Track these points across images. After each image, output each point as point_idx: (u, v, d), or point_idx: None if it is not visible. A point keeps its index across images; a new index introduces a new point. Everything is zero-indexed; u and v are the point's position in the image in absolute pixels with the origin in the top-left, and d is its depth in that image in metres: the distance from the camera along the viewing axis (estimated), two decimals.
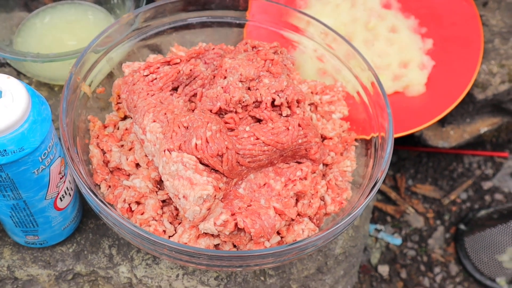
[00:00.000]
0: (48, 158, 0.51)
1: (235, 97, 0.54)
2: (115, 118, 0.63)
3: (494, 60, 0.84)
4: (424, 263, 0.97)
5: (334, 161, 0.61)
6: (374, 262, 0.96)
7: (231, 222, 0.52)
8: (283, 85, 0.56)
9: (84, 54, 0.60)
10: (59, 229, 0.61)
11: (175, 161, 0.51)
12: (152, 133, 0.54)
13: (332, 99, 0.64)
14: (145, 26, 0.67)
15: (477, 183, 1.05)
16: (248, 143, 0.53)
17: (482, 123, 0.90)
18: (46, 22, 0.76)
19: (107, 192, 0.58)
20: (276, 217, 0.53)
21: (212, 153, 0.50)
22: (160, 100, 0.56)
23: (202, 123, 0.51)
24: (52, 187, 0.54)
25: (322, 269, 0.67)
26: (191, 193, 0.50)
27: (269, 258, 0.53)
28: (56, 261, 0.63)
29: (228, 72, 0.56)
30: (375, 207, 1.01)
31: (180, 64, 0.59)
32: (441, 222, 1.01)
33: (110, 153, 0.60)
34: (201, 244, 0.54)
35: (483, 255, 0.93)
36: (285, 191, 0.55)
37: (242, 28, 0.71)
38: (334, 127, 0.63)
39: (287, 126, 0.54)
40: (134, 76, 0.58)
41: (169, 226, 0.56)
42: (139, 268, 0.63)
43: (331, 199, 0.58)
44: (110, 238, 0.65)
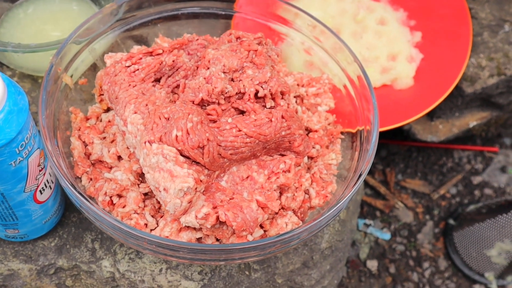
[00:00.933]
0: (25, 149, 0.50)
1: (218, 88, 0.53)
2: (98, 110, 0.62)
3: (483, 54, 0.83)
4: (413, 258, 0.97)
5: (319, 154, 0.60)
6: (363, 257, 0.96)
7: (213, 215, 0.51)
8: (267, 77, 0.55)
9: (65, 44, 0.59)
10: (40, 223, 0.60)
11: (155, 153, 0.50)
12: (133, 124, 0.53)
13: (318, 91, 0.64)
14: (130, 17, 0.66)
15: (466, 177, 1.04)
16: (230, 135, 0.52)
17: (471, 117, 0.90)
18: (30, 12, 0.75)
19: (88, 184, 0.57)
20: (258, 211, 0.52)
21: (192, 144, 0.49)
22: (142, 91, 0.55)
23: (183, 114, 0.50)
24: (31, 180, 0.53)
25: (308, 263, 0.67)
26: (172, 186, 0.49)
27: (252, 251, 0.52)
28: (38, 256, 0.62)
29: (211, 63, 0.55)
30: (364, 202, 1.01)
31: (162, 55, 0.58)
32: (430, 217, 1.01)
33: (91, 145, 0.59)
34: (183, 238, 0.53)
35: (472, 250, 0.93)
36: (268, 184, 0.54)
37: (230, 20, 0.70)
38: (319, 119, 0.62)
39: (270, 118, 0.53)
40: (116, 67, 0.57)
41: (151, 220, 0.55)
42: (122, 263, 0.62)
43: (316, 193, 0.58)
44: (93, 232, 0.64)
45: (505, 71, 0.82)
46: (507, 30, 0.84)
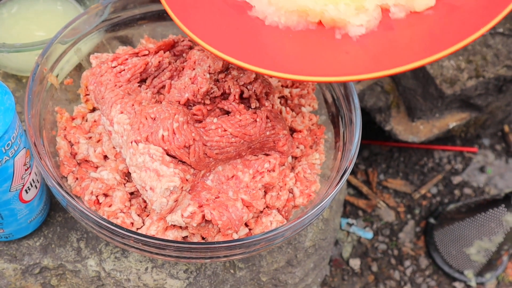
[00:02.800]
0: (12, 149, 0.50)
1: (203, 88, 0.54)
2: (83, 110, 0.62)
3: (462, 56, 0.85)
4: (395, 256, 0.99)
5: (303, 154, 0.61)
6: (346, 256, 0.97)
7: (199, 214, 0.52)
8: (252, 78, 0.56)
9: (50, 45, 0.59)
10: (25, 222, 0.60)
11: (142, 153, 0.50)
12: (120, 124, 0.54)
13: (302, 92, 0.65)
14: (115, 17, 0.66)
15: (447, 177, 1.07)
16: (216, 135, 0.53)
17: (451, 118, 0.92)
18: (14, 12, 0.75)
19: (74, 184, 0.58)
20: (243, 209, 0.53)
21: (179, 144, 0.50)
22: (128, 91, 0.56)
23: (169, 115, 0.51)
24: (17, 179, 0.53)
25: (292, 262, 0.68)
26: (158, 185, 0.50)
27: (237, 249, 0.53)
28: (23, 255, 0.62)
29: (196, 64, 0.56)
30: (347, 202, 1.02)
31: (148, 55, 0.58)
32: (412, 216, 1.02)
33: (77, 145, 0.59)
34: (169, 236, 0.54)
35: (452, 248, 0.95)
36: (253, 183, 0.55)
37: None
38: (303, 120, 0.63)
39: (254, 118, 0.54)
40: (101, 67, 0.57)
41: (137, 218, 0.56)
42: (107, 262, 0.62)
43: (300, 192, 0.59)
44: (79, 231, 0.64)
45: (483, 73, 0.84)
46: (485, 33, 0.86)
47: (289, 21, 0.50)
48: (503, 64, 0.84)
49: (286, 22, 0.50)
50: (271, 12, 0.50)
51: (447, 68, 0.84)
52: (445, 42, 0.45)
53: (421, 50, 0.46)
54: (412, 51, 0.47)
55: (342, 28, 0.49)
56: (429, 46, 0.46)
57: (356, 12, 0.49)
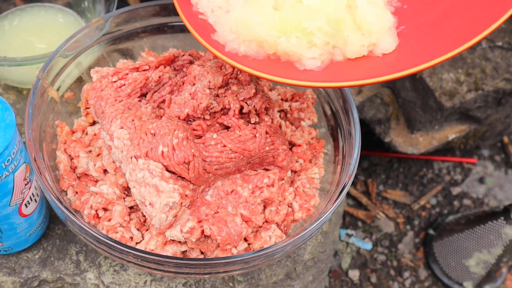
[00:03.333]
0: (12, 164, 0.50)
1: (203, 104, 0.54)
2: (83, 123, 0.63)
3: (461, 69, 0.85)
4: (394, 267, 0.99)
5: (302, 168, 0.62)
6: (345, 267, 0.97)
7: (198, 229, 0.52)
8: (251, 93, 0.56)
9: (51, 58, 0.59)
10: (24, 236, 0.60)
11: (141, 168, 0.51)
12: (120, 139, 0.54)
13: (302, 106, 0.65)
14: (116, 31, 0.67)
15: (446, 188, 1.07)
16: (215, 151, 0.53)
17: (450, 130, 0.92)
18: (15, 24, 0.75)
19: (74, 198, 0.58)
20: (243, 225, 0.53)
21: (178, 160, 0.50)
22: (128, 106, 0.56)
23: (169, 130, 0.51)
24: (17, 194, 0.53)
25: (291, 275, 0.68)
26: (157, 201, 0.50)
27: (236, 265, 0.53)
28: (22, 268, 0.62)
29: (196, 79, 0.56)
30: (347, 212, 1.02)
31: (149, 70, 0.58)
32: (411, 227, 1.02)
33: (77, 158, 0.59)
34: (168, 251, 0.54)
35: (451, 259, 0.95)
36: (252, 198, 0.55)
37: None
38: (303, 134, 0.63)
39: (254, 133, 0.54)
40: (102, 82, 0.58)
41: (136, 233, 0.56)
42: (106, 275, 0.63)
43: (299, 206, 0.59)
44: (78, 244, 0.64)
45: (482, 86, 0.85)
46: (484, 46, 0.86)
47: (248, 49, 0.49)
48: (502, 77, 0.85)
49: (246, 51, 0.49)
50: (231, 39, 0.50)
51: (446, 81, 0.84)
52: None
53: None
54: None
55: (297, 62, 0.49)
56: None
57: (308, 45, 0.49)
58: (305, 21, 0.48)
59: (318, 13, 0.48)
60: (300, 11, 0.48)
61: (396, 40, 0.49)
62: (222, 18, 0.51)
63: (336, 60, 0.49)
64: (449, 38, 0.47)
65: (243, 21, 0.48)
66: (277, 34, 0.48)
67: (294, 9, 0.49)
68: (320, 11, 0.48)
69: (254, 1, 0.49)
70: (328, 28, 0.48)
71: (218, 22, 0.51)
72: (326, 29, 0.48)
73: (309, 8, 0.48)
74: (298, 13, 0.48)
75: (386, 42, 0.48)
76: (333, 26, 0.48)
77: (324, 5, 0.48)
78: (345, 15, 0.48)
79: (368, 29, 0.48)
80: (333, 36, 0.49)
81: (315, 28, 0.48)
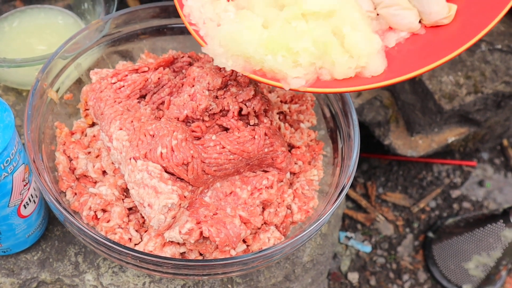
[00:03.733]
0: (10, 165, 0.50)
1: (202, 105, 0.54)
2: (83, 125, 0.63)
3: (460, 72, 0.86)
4: (393, 270, 0.99)
5: (301, 170, 0.62)
6: (344, 270, 0.97)
7: (196, 230, 0.52)
8: (250, 95, 0.56)
9: (51, 60, 0.59)
10: (23, 237, 0.60)
11: (140, 170, 0.51)
12: (119, 140, 0.54)
13: (301, 108, 0.65)
14: (116, 32, 0.67)
15: (445, 191, 1.07)
16: (214, 152, 0.53)
17: (450, 132, 0.92)
18: (15, 26, 0.75)
19: (72, 199, 0.58)
20: (241, 226, 0.53)
21: (177, 162, 0.50)
22: (127, 107, 0.56)
23: (167, 132, 0.51)
24: (16, 195, 0.53)
25: (289, 277, 0.68)
26: (156, 202, 0.50)
27: (234, 266, 0.53)
28: (20, 269, 0.62)
29: (196, 81, 0.56)
30: (346, 215, 1.02)
31: (148, 72, 0.58)
32: (410, 230, 1.02)
33: (76, 160, 0.59)
34: (167, 252, 0.54)
35: (450, 262, 0.95)
36: (251, 200, 0.55)
37: None
38: (302, 136, 0.63)
39: (253, 135, 0.54)
40: (101, 83, 0.58)
41: (135, 234, 0.56)
42: (105, 276, 0.62)
43: (298, 208, 0.59)
44: (77, 246, 0.64)
45: (481, 89, 0.85)
46: (484, 49, 0.86)
47: (235, 64, 0.50)
48: (501, 80, 0.85)
49: (233, 65, 0.50)
50: (219, 53, 0.50)
51: (446, 84, 0.84)
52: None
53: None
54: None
55: (283, 79, 0.50)
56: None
57: (294, 65, 0.50)
58: (292, 41, 0.49)
59: (304, 35, 0.50)
60: (288, 31, 0.50)
61: (385, 63, 0.51)
62: (213, 31, 0.52)
63: (324, 79, 0.51)
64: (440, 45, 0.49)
65: (233, 36, 0.49)
66: (264, 51, 0.50)
67: (282, 28, 0.50)
68: (306, 33, 0.50)
69: (244, 18, 0.51)
70: (314, 49, 0.50)
71: (209, 34, 0.52)
72: (311, 50, 0.50)
73: (296, 29, 0.50)
74: (286, 33, 0.50)
75: (375, 65, 0.50)
76: (319, 48, 0.50)
77: (310, 28, 0.50)
78: (331, 39, 0.50)
79: (357, 53, 0.50)
80: (318, 58, 0.50)
81: (301, 48, 0.49)
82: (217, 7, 0.53)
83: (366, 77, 0.50)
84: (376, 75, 0.50)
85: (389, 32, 0.53)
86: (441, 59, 0.47)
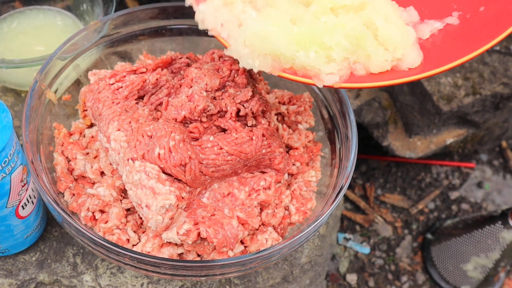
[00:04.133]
0: (9, 166, 0.50)
1: (199, 106, 0.54)
2: (81, 126, 0.63)
3: (459, 73, 0.86)
4: (392, 271, 0.98)
5: (299, 171, 0.62)
6: (343, 271, 0.97)
7: (194, 231, 0.52)
8: (248, 96, 0.56)
9: (49, 61, 0.59)
10: (21, 238, 0.60)
11: (138, 170, 0.51)
12: (116, 141, 0.54)
13: (299, 109, 0.65)
14: (114, 33, 0.67)
15: (444, 193, 1.07)
16: (212, 153, 0.53)
17: (448, 134, 0.92)
18: (14, 27, 0.75)
19: (71, 200, 0.58)
20: (239, 227, 0.53)
21: (175, 162, 0.50)
22: (125, 108, 0.56)
23: (165, 133, 0.51)
24: (14, 195, 0.53)
25: (287, 278, 0.68)
26: (154, 203, 0.50)
27: (232, 267, 0.53)
28: (19, 270, 0.62)
29: (193, 82, 0.56)
30: (344, 216, 1.02)
31: (146, 73, 0.59)
32: (409, 231, 1.02)
33: (74, 161, 0.59)
34: (165, 253, 0.54)
35: (449, 264, 0.95)
36: (249, 201, 0.55)
37: (212, 37, 0.71)
38: (300, 137, 0.63)
39: (251, 136, 0.54)
40: (99, 84, 0.58)
41: (133, 235, 0.56)
42: (103, 277, 0.62)
43: (295, 209, 0.59)
44: (75, 247, 0.64)
45: (480, 90, 0.85)
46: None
47: (263, 64, 0.49)
48: (499, 81, 0.85)
49: (261, 65, 0.49)
50: (245, 53, 0.49)
51: (444, 85, 0.85)
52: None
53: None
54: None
55: (315, 76, 0.49)
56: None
57: (327, 60, 0.49)
58: (324, 36, 0.48)
59: (336, 29, 0.48)
60: (319, 26, 0.48)
61: (421, 55, 0.49)
62: (236, 32, 0.50)
63: (358, 74, 0.49)
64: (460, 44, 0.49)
65: (260, 34, 0.48)
66: (295, 48, 0.48)
67: (312, 23, 0.48)
68: (338, 26, 0.49)
69: (270, 15, 0.49)
70: (347, 44, 0.48)
71: (231, 35, 0.50)
72: (344, 44, 0.48)
73: (326, 23, 0.49)
74: (317, 27, 0.48)
75: (412, 56, 0.49)
76: (352, 42, 0.49)
77: (341, 22, 0.49)
78: (365, 32, 0.49)
79: (392, 45, 0.48)
80: (352, 52, 0.49)
81: (334, 43, 0.48)
82: (233, 9, 0.51)
83: (403, 70, 0.49)
84: (413, 67, 0.49)
85: (421, 23, 0.51)
86: (478, 50, 0.46)
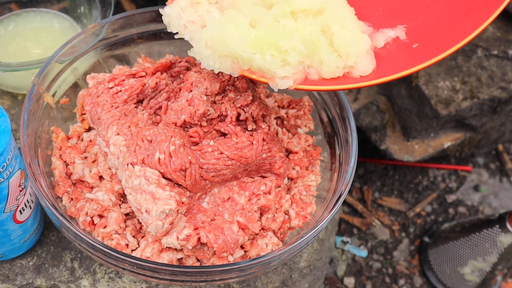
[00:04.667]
0: (7, 170, 0.50)
1: (200, 110, 0.54)
2: (79, 129, 0.62)
3: (457, 77, 0.86)
4: (389, 275, 0.99)
5: (299, 176, 0.61)
6: (340, 274, 0.97)
7: (194, 236, 0.52)
8: (248, 100, 0.56)
9: (47, 64, 0.59)
10: (18, 242, 0.59)
11: (138, 175, 0.50)
12: (116, 146, 0.53)
13: (298, 113, 0.65)
14: (112, 36, 0.66)
15: (441, 196, 1.07)
16: (212, 158, 0.52)
17: (446, 138, 0.92)
18: (10, 29, 0.75)
19: (69, 204, 0.57)
20: (239, 232, 0.53)
21: (175, 167, 0.50)
22: (125, 112, 0.56)
23: (165, 137, 0.51)
24: (11, 200, 0.53)
25: (286, 282, 0.67)
26: (154, 208, 0.49)
27: (232, 272, 0.52)
28: (16, 275, 0.62)
29: (193, 86, 0.56)
30: (342, 219, 1.02)
31: (145, 77, 0.58)
32: (406, 234, 1.02)
33: (73, 165, 0.59)
34: (164, 258, 0.54)
35: (446, 267, 0.95)
36: (249, 205, 0.55)
37: None
38: (299, 141, 0.63)
39: (251, 140, 0.54)
40: (98, 88, 0.57)
41: (132, 240, 0.55)
42: (101, 282, 0.62)
43: (295, 213, 0.59)
44: (72, 251, 0.64)
45: (478, 94, 0.85)
46: (480, 55, 0.86)
47: (223, 65, 0.49)
48: (497, 85, 0.85)
49: (221, 67, 0.49)
50: (206, 55, 0.49)
51: (442, 89, 0.85)
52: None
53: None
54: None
55: (270, 79, 0.49)
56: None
57: (282, 64, 0.49)
58: (281, 40, 0.49)
59: (293, 33, 0.49)
60: (276, 30, 0.49)
61: (374, 63, 0.50)
62: (198, 33, 0.50)
63: (311, 79, 0.50)
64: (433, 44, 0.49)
65: (219, 37, 0.48)
66: (252, 50, 0.49)
67: (270, 27, 0.49)
68: (295, 31, 0.49)
69: (230, 17, 0.50)
70: (303, 48, 0.49)
71: (194, 37, 0.51)
72: (300, 49, 0.49)
73: (285, 27, 0.49)
74: (274, 31, 0.49)
75: (364, 64, 0.50)
76: (308, 47, 0.49)
77: (299, 26, 0.50)
78: (320, 37, 0.49)
79: (345, 52, 0.49)
80: (307, 56, 0.50)
81: (289, 47, 0.49)
82: (199, 9, 0.52)
83: (354, 77, 0.50)
84: (364, 76, 0.50)
85: (377, 32, 0.52)
86: (431, 60, 0.47)
